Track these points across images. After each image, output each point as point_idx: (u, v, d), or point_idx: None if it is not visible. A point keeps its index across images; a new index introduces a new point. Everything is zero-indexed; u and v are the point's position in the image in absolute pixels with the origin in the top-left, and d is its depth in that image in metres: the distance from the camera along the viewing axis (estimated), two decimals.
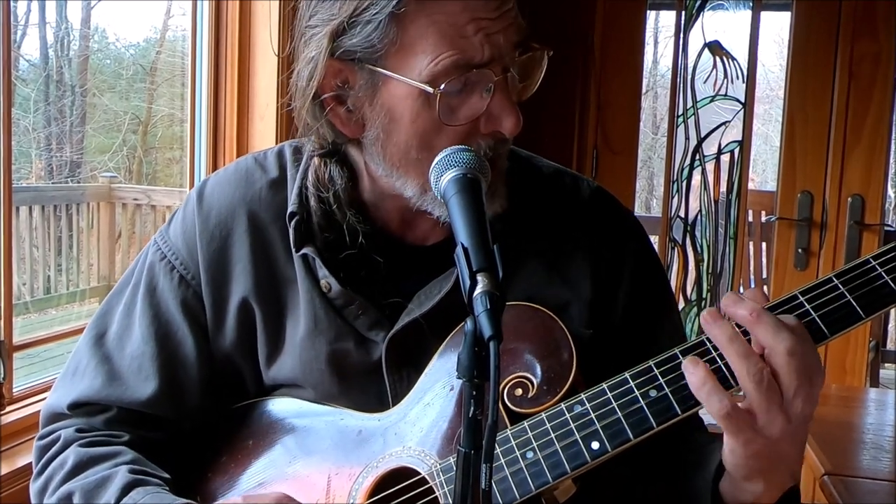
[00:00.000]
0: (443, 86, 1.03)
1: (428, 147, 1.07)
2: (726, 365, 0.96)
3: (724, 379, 0.97)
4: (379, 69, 1.06)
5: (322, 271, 1.16)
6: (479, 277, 0.87)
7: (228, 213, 1.22)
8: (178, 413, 1.22)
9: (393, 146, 1.09)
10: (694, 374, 0.95)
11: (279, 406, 1.22)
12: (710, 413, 0.95)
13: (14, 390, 1.89)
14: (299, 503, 1.07)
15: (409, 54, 1.04)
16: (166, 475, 1.17)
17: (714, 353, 0.99)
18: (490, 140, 1.08)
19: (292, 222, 1.17)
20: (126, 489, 1.12)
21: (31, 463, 1.68)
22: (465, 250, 0.90)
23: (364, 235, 1.17)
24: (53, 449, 1.20)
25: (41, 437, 1.24)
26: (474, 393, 0.82)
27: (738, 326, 0.96)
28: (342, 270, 1.17)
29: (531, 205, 1.21)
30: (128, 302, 1.25)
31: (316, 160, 1.19)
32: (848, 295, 0.98)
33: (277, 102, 2.39)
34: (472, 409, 0.82)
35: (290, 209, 1.18)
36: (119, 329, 1.24)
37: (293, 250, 1.18)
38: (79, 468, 1.16)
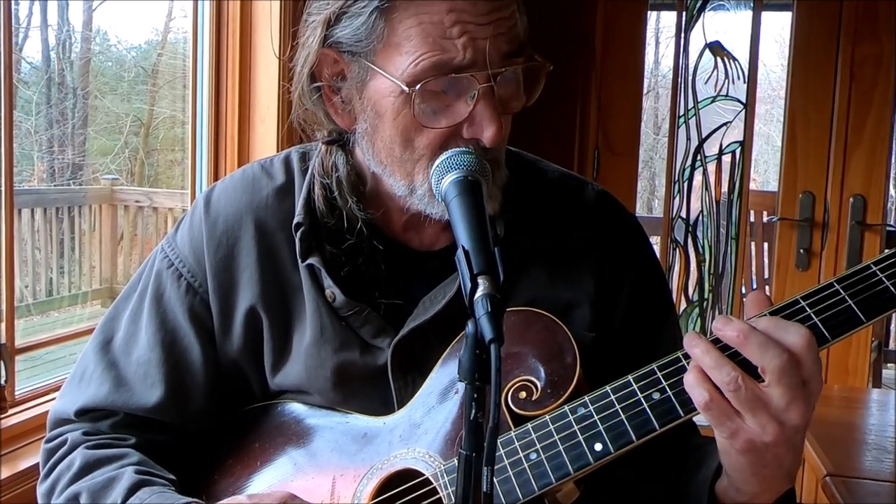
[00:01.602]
0: (418, 86, 1.03)
1: (410, 146, 1.08)
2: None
3: None
4: (367, 63, 1.07)
5: (327, 281, 1.16)
6: (480, 280, 0.87)
7: (235, 220, 1.22)
8: (184, 418, 1.23)
9: (379, 141, 1.11)
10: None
11: (286, 409, 1.23)
12: (695, 403, 0.97)
13: (16, 393, 1.89)
14: (305, 503, 1.08)
15: (395, 52, 1.05)
16: (172, 476, 1.18)
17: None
18: (471, 146, 1.07)
19: (298, 232, 1.17)
20: (132, 489, 1.12)
21: (32, 466, 1.69)
22: (466, 253, 0.90)
23: (366, 225, 1.17)
24: (61, 451, 1.21)
25: (48, 441, 1.24)
26: (475, 396, 0.82)
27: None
28: (346, 274, 1.17)
29: (536, 208, 1.21)
30: (134, 308, 1.26)
31: (323, 148, 1.20)
32: (849, 300, 0.99)
33: (279, 104, 2.39)
34: (473, 411, 0.82)
35: (296, 219, 1.18)
36: (125, 335, 1.24)
37: (299, 260, 1.18)
38: (86, 469, 1.17)
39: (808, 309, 0.99)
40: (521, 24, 1.08)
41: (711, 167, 3.63)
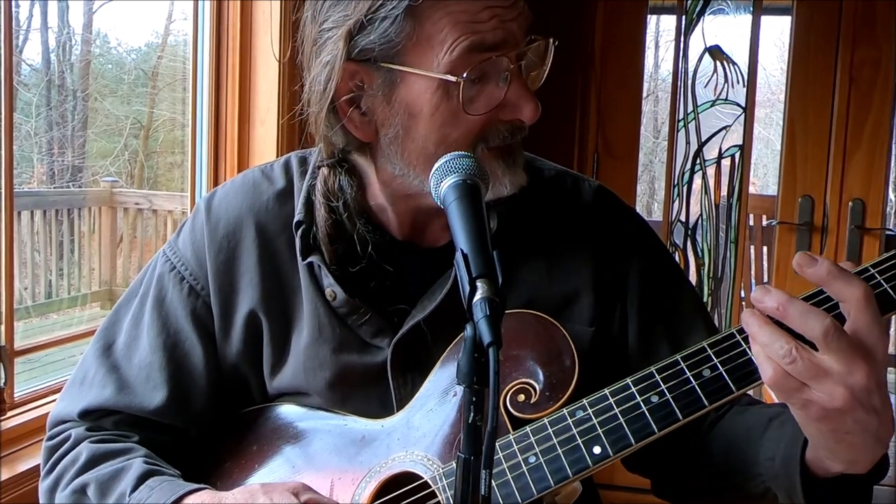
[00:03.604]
0: (465, 74, 1.04)
1: (446, 141, 1.08)
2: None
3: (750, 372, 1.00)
4: (396, 66, 1.07)
5: (327, 280, 1.16)
6: (479, 283, 0.87)
7: (236, 224, 1.23)
8: (186, 421, 1.23)
9: (412, 143, 1.10)
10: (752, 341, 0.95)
11: (284, 411, 1.23)
12: (763, 379, 0.94)
13: (15, 395, 1.89)
14: (316, 492, 1.08)
15: (426, 47, 1.06)
16: (177, 471, 1.18)
17: (743, 344, 1.01)
18: (508, 127, 1.10)
19: (298, 231, 1.17)
20: (142, 478, 1.13)
21: (32, 468, 1.69)
22: (465, 256, 0.90)
23: (373, 245, 1.17)
24: (64, 447, 1.21)
25: (49, 439, 1.24)
26: (474, 399, 0.82)
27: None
28: (349, 279, 1.17)
29: (532, 206, 1.21)
30: (135, 312, 1.26)
31: (324, 170, 1.19)
32: None
33: (278, 107, 2.39)
34: (471, 415, 0.82)
35: (296, 218, 1.18)
36: (127, 339, 1.25)
37: (299, 259, 1.18)
38: (92, 462, 1.17)
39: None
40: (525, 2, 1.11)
41: (711, 171, 3.63)
